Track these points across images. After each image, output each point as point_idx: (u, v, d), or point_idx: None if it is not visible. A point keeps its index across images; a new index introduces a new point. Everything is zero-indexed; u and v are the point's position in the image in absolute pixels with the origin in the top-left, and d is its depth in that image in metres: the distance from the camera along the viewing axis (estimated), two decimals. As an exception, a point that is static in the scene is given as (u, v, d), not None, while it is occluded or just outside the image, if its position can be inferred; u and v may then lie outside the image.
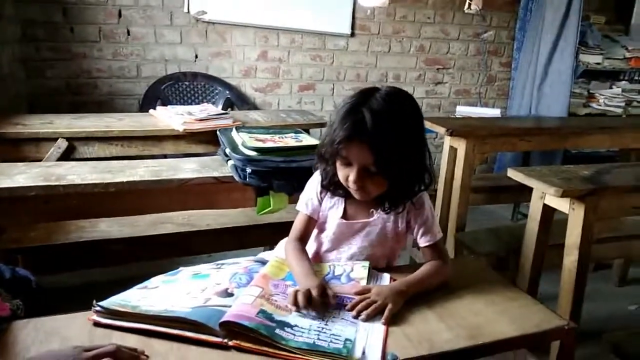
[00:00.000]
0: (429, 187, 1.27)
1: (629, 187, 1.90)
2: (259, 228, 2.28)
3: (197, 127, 2.29)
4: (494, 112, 3.95)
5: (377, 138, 1.12)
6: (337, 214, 1.31)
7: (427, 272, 1.24)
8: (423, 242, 1.30)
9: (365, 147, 1.13)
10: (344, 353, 0.93)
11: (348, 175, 1.19)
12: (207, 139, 2.32)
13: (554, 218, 1.97)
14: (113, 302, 1.04)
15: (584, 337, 1.70)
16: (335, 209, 1.32)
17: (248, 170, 1.75)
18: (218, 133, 2.09)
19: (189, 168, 1.84)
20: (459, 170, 2.60)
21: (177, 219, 2.28)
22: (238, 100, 3.60)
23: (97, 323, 1.00)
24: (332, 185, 1.29)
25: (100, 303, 1.02)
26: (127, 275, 1.68)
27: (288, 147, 1.91)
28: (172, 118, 2.35)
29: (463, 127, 2.72)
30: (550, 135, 2.95)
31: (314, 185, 1.34)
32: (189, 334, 0.96)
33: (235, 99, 3.59)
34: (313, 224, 1.35)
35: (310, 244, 1.37)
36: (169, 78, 3.44)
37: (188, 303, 1.04)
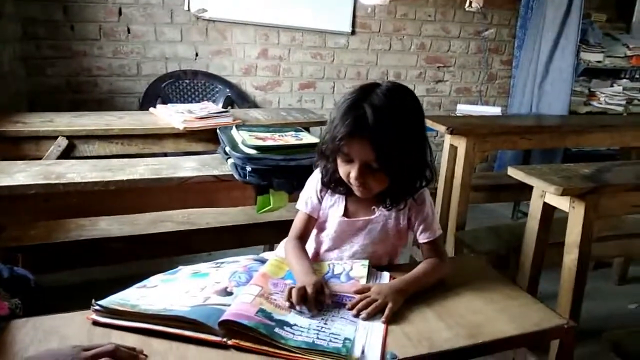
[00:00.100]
0: (430, 182, 1.27)
1: (630, 185, 1.89)
2: (259, 226, 2.29)
3: (197, 125, 2.29)
4: (495, 110, 3.94)
5: (378, 134, 1.11)
6: (337, 212, 1.31)
7: (425, 269, 1.24)
8: (422, 238, 1.30)
9: (367, 143, 1.13)
10: (343, 352, 0.93)
11: (349, 172, 1.18)
12: (207, 137, 2.32)
13: (554, 216, 1.97)
14: (112, 301, 1.03)
15: (584, 335, 1.70)
16: (336, 207, 1.31)
17: (248, 169, 1.75)
18: (218, 131, 2.08)
19: (189, 166, 1.84)
20: (459, 169, 2.60)
21: (177, 218, 2.28)
22: (238, 99, 3.60)
23: (96, 322, 1.00)
24: (332, 183, 1.29)
25: (99, 302, 1.02)
26: (126, 274, 1.68)
27: (288, 145, 1.91)
28: (172, 116, 2.35)
29: (463, 125, 2.72)
30: (551, 134, 2.94)
31: (314, 184, 1.34)
32: (188, 333, 0.96)
33: (236, 97, 3.58)
34: (313, 223, 1.35)
35: (310, 244, 1.37)
36: (169, 76, 3.43)
37: (187, 302, 1.04)
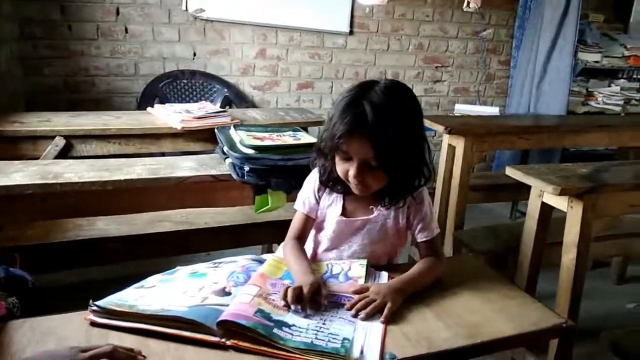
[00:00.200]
0: (429, 181, 1.26)
1: (627, 185, 1.89)
2: (257, 226, 2.28)
3: (195, 125, 2.28)
4: (493, 110, 3.95)
5: (377, 131, 1.11)
6: (335, 212, 1.30)
7: (423, 269, 1.24)
8: (420, 237, 1.30)
9: (366, 141, 1.12)
10: (342, 352, 0.92)
11: (348, 170, 1.18)
12: (205, 137, 2.31)
13: (552, 216, 1.97)
14: (110, 301, 1.03)
15: (582, 335, 1.70)
16: (334, 207, 1.31)
17: (246, 169, 1.75)
18: (216, 131, 2.08)
19: (187, 166, 1.83)
20: (458, 169, 2.60)
21: (174, 217, 2.27)
22: (236, 98, 3.59)
23: (93, 323, 0.99)
24: (330, 181, 1.28)
25: (97, 302, 1.01)
26: (124, 274, 1.67)
27: (286, 145, 1.90)
28: (170, 116, 2.35)
29: (462, 125, 2.72)
30: (549, 134, 2.95)
31: (311, 184, 1.34)
32: (186, 334, 0.96)
33: (234, 97, 3.58)
34: (311, 223, 1.34)
35: (309, 244, 1.37)
36: (167, 76, 3.43)
37: (185, 302, 1.04)
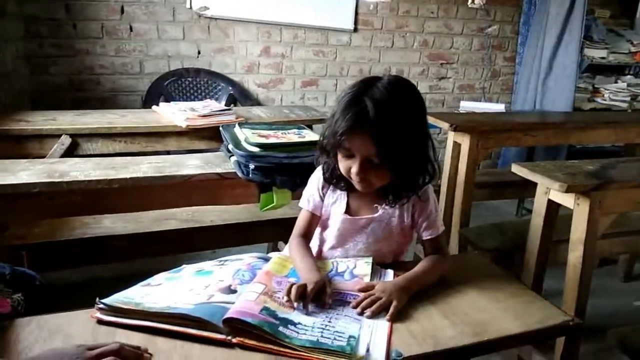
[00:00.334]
0: (433, 178, 1.25)
1: (634, 182, 1.88)
2: (262, 224, 2.28)
3: (200, 123, 2.29)
4: (498, 107, 3.93)
5: (379, 128, 1.10)
6: (340, 210, 1.30)
7: (427, 267, 1.24)
8: (425, 235, 1.30)
9: (368, 138, 1.11)
10: (348, 350, 0.92)
11: (350, 167, 1.17)
12: (210, 135, 2.32)
13: (559, 213, 1.97)
14: (116, 299, 1.03)
15: (589, 333, 1.69)
16: (338, 205, 1.31)
17: (251, 166, 1.75)
18: (221, 129, 2.08)
19: (192, 164, 1.84)
20: (463, 166, 2.60)
21: (180, 215, 2.28)
22: (241, 96, 3.59)
23: (100, 321, 1.00)
24: (334, 179, 1.28)
25: (104, 300, 1.02)
26: (129, 272, 1.68)
27: (291, 142, 1.90)
28: (175, 114, 2.35)
29: (467, 122, 2.71)
30: (555, 130, 2.93)
31: (315, 181, 1.33)
32: (193, 331, 0.96)
33: (238, 95, 3.58)
34: (316, 220, 1.34)
35: (314, 242, 1.37)
36: (172, 74, 3.43)
37: (191, 299, 1.04)
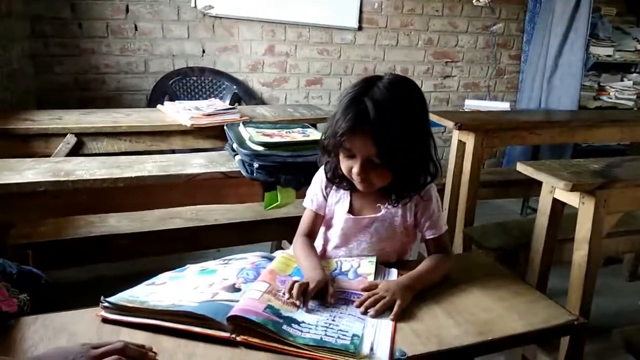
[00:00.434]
0: (435, 178, 1.25)
1: (640, 181, 1.87)
2: (267, 223, 2.29)
3: (204, 122, 2.29)
4: (503, 105, 3.92)
5: (380, 129, 1.10)
6: (343, 209, 1.30)
7: (430, 266, 1.24)
8: (428, 235, 1.30)
9: (368, 138, 1.11)
10: (352, 349, 0.92)
11: (351, 167, 1.17)
12: (214, 134, 2.32)
13: (564, 212, 1.96)
14: (121, 297, 1.04)
15: (594, 332, 1.69)
16: (341, 204, 1.31)
17: (255, 165, 1.75)
18: (225, 128, 2.08)
19: (197, 163, 1.84)
20: (468, 164, 2.59)
21: (185, 214, 2.28)
22: (245, 95, 3.60)
23: (105, 319, 1.00)
24: (336, 178, 1.28)
25: (108, 299, 1.02)
26: (134, 271, 1.68)
27: (295, 141, 1.90)
28: (179, 113, 2.36)
29: (472, 120, 2.70)
30: (560, 129, 2.92)
31: (319, 181, 1.34)
32: (197, 329, 0.96)
33: (243, 94, 3.58)
34: (320, 220, 1.34)
35: (318, 241, 1.37)
36: (177, 73, 3.44)
37: (195, 298, 1.04)
